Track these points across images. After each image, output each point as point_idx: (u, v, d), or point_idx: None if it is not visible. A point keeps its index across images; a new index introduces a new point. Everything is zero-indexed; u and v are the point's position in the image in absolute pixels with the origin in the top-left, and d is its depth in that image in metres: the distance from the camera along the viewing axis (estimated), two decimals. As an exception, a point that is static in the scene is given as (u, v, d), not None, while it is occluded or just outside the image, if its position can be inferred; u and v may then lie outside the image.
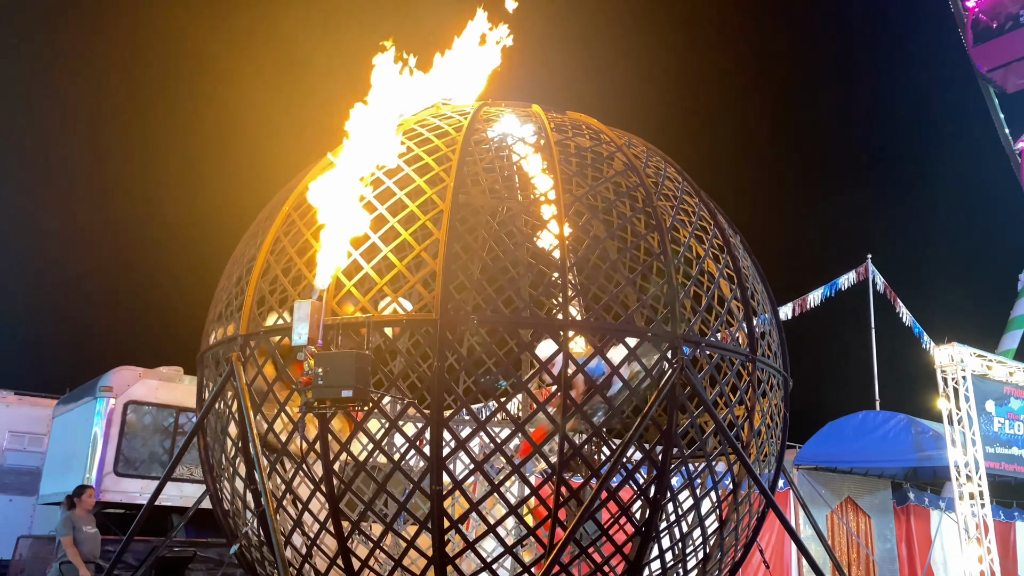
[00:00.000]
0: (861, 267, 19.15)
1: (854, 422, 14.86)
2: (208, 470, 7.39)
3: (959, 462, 12.88)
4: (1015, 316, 27.86)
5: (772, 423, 7.54)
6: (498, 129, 7.79)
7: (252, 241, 7.46)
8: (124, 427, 11.78)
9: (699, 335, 6.88)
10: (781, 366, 7.69)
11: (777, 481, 8.19)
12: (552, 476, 6.30)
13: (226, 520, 7.28)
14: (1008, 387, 14.18)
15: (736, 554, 7.48)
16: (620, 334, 6.78)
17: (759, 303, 7.61)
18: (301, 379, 6.01)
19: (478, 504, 6.30)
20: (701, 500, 7.12)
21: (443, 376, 6.17)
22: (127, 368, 12.20)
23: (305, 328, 5.99)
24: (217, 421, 7.25)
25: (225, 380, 6.77)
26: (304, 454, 6.48)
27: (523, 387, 7.83)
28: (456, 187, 6.62)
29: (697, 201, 7.56)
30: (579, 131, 7.68)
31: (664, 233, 6.76)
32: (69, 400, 13.30)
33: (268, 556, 6.78)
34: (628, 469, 6.68)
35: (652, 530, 6.39)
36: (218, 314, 7.44)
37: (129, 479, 11.67)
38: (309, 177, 7.25)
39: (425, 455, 6.01)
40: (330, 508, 6.17)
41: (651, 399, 6.42)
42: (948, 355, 13.36)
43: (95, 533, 9.57)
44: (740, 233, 7.98)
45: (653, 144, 8.06)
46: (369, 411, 6.25)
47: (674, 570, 7.12)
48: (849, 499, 15.11)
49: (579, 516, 6.02)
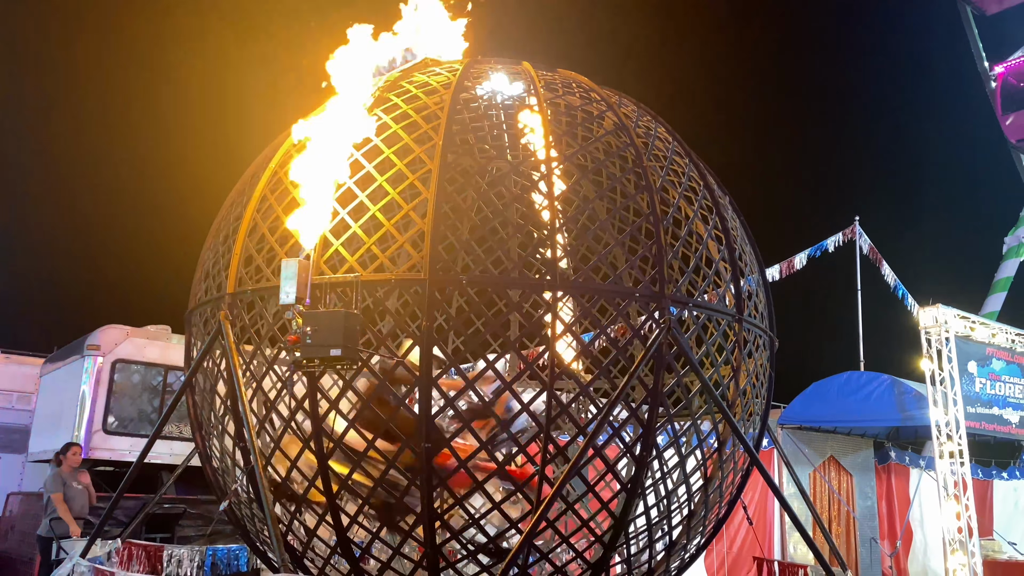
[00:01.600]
0: (848, 228, 19.20)
1: (838, 382, 15.03)
2: (197, 428, 7.42)
3: (940, 422, 13.08)
4: (999, 279, 28.10)
5: (757, 383, 7.62)
6: (487, 87, 7.72)
7: (239, 199, 7.40)
8: (112, 385, 11.78)
9: (687, 295, 6.91)
10: (767, 326, 7.75)
11: (762, 440, 8.30)
12: (539, 434, 6.36)
13: (215, 477, 7.34)
14: (991, 348, 14.35)
15: (720, 511, 7.60)
16: (608, 294, 6.81)
17: (747, 264, 7.64)
18: (289, 337, 6.02)
19: (467, 461, 6.36)
20: (686, 458, 7.22)
21: (432, 335, 6.19)
22: (114, 327, 12.17)
23: (293, 287, 5.98)
24: (206, 379, 7.27)
25: (213, 339, 6.77)
26: (293, 412, 6.51)
27: (512, 347, 7.88)
28: (444, 146, 6.57)
29: (687, 161, 7.53)
30: (569, 89, 7.62)
31: (653, 193, 6.75)
32: (56, 359, 13.28)
33: (257, 513, 6.84)
34: (614, 427, 6.74)
35: (638, 487, 6.47)
36: (205, 272, 7.41)
37: (118, 437, 11.71)
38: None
39: (414, 413, 6.05)
40: (319, 466, 6.22)
41: (638, 358, 6.47)
42: (932, 316, 13.48)
43: (83, 489, 9.64)
44: (729, 194, 7.98)
45: (643, 104, 8.01)
46: (358, 370, 6.27)
47: (659, 527, 7.24)
48: (832, 458, 15.34)
49: (566, 473, 6.10)
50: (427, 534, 6.08)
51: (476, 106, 7.85)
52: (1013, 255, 28.06)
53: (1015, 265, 28.11)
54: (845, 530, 15.21)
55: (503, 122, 8.36)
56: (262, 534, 6.99)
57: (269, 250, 6.83)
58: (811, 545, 6.97)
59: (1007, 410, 14.38)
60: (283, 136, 7.53)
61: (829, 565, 6.77)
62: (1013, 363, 14.74)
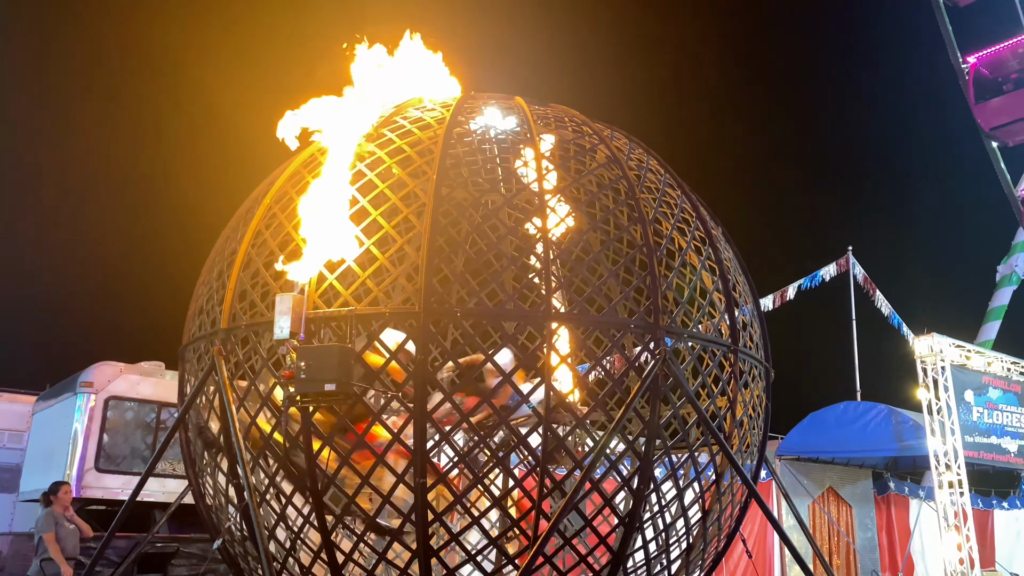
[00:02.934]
0: (842, 259, 19.29)
1: (835, 412, 15.00)
2: (190, 465, 7.35)
3: (938, 451, 13.03)
4: (993, 307, 28.15)
5: (754, 414, 7.59)
6: (481, 121, 7.78)
7: (233, 235, 7.41)
8: (105, 423, 11.68)
9: (681, 327, 6.90)
10: (763, 357, 7.74)
11: (759, 472, 8.25)
12: (536, 468, 6.31)
13: (209, 515, 7.25)
14: (987, 377, 14.36)
15: (719, 544, 7.53)
16: (603, 326, 6.80)
17: (741, 294, 7.65)
18: (283, 373, 5.99)
19: (462, 496, 6.31)
20: (684, 491, 7.16)
21: (427, 369, 6.16)
22: (107, 363, 12.10)
23: (287, 322, 5.97)
24: (199, 416, 7.21)
25: (207, 375, 6.73)
26: (287, 449, 6.45)
27: (507, 379, 7.83)
28: (439, 180, 6.60)
29: (679, 193, 7.58)
30: (562, 123, 7.68)
31: (647, 225, 6.78)
32: (49, 396, 13.18)
33: (251, 551, 6.75)
34: (611, 460, 6.70)
35: (635, 520, 6.41)
36: (199, 308, 7.39)
37: (111, 475, 11.58)
38: (289, 170, 7.22)
39: (409, 448, 6.00)
40: (313, 502, 6.16)
41: (634, 390, 6.45)
42: (928, 345, 13.50)
43: (75, 529, 9.52)
44: (721, 225, 8.02)
45: (634, 136, 8.08)
46: (352, 405, 6.23)
47: (657, 560, 7.16)
48: (831, 489, 15.25)
49: (562, 507, 6.04)
50: (423, 571, 6.01)
51: (470, 140, 7.91)
52: (1007, 283, 28.15)
53: (1009, 293, 28.20)
54: (845, 562, 15.07)
55: (496, 156, 8.41)
56: (256, 572, 6.89)
57: (263, 285, 6.83)
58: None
59: (1005, 439, 14.34)
60: (278, 171, 7.56)
61: (830, 598, 6.69)
62: (1010, 391, 14.74)
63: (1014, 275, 28.14)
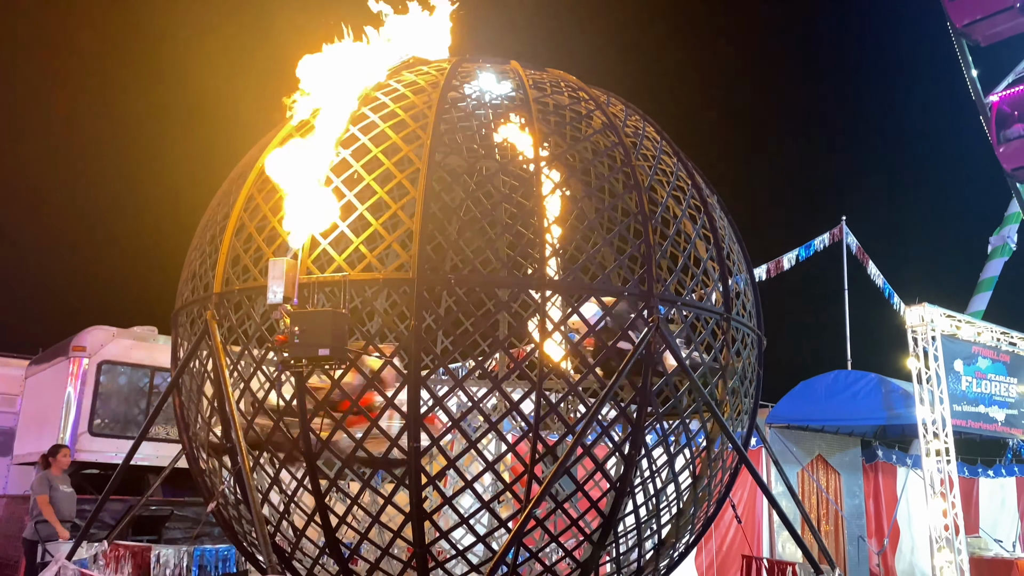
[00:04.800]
0: (836, 228, 19.30)
1: (826, 381, 15.10)
2: (184, 429, 7.37)
3: (927, 420, 13.16)
4: (984, 278, 28.27)
5: (746, 382, 7.64)
6: (475, 86, 7.70)
7: (225, 199, 7.36)
8: (98, 387, 11.70)
9: (675, 294, 6.92)
10: (755, 325, 7.77)
11: (750, 439, 8.32)
12: (528, 433, 6.35)
13: (202, 479, 7.29)
14: (976, 347, 14.46)
15: (709, 509, 7.62)
16: (596, 293, 6.81)
17: (735, 263, 7.66)
18: (277, 337, 5.99)
19: (455, 460, 6.35)
20: (675, 456, 7.23)
21: (420, 335, 6.17)
22: (100, 328, 12.08)
23: (280, 287, 5.95)
24: (192, 380, 7.22)
25: (200, 339, 6.72)
26: (281, 412, 6.48)
27: (501, 347, 7.87)
28: (433, 145, 6.56)
29: (675, 161, 7.55)
30: (558, 88, 7.62)
31: (642, 192, 6.75)
32: (42, 360, 13.18)
33: (245, 514, 6.81)
34: (603, 426, 6.74)
35: (626, 485, 6.48)
36: (192, 272, 7.36)
37: (104, 439, 11.62)
38: (281, 135, 7.15)
39: (403, 412, 6.03)
40: (307, 466, 6.19)
41: (626, 358, 6.47)
42: (919, 315, 13.57)
43: (71, 492, 9.56)
44: (717, 193, 8.00)
45: (631, 103, 8.02)
46: (346, 370, 6.25)
47: (648, 525, 7.24)
48: (820, 456, 15.40)
49: (554, 471, 6.09)
50: (416, 534, 6.06)
51: (464, 105, 7.84)
52: (998, 255, 28.25)
53: (1000, 265, 28.31)
54: (833, 528, 15.28)
55: (491, 121, 8.35)
56: (250, 535, 6.95)
57: (256, 250, 6.80)
58: (800, 543, 7.00)
59: (993, 408, 14.49)
60: (270, 135, 7.50)
61: (818, 563, 6.79)
62: (999, 361, 14.86)
63: (1006, 246, 28.23)
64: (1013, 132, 24.91)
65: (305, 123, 7.11)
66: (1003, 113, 25.59)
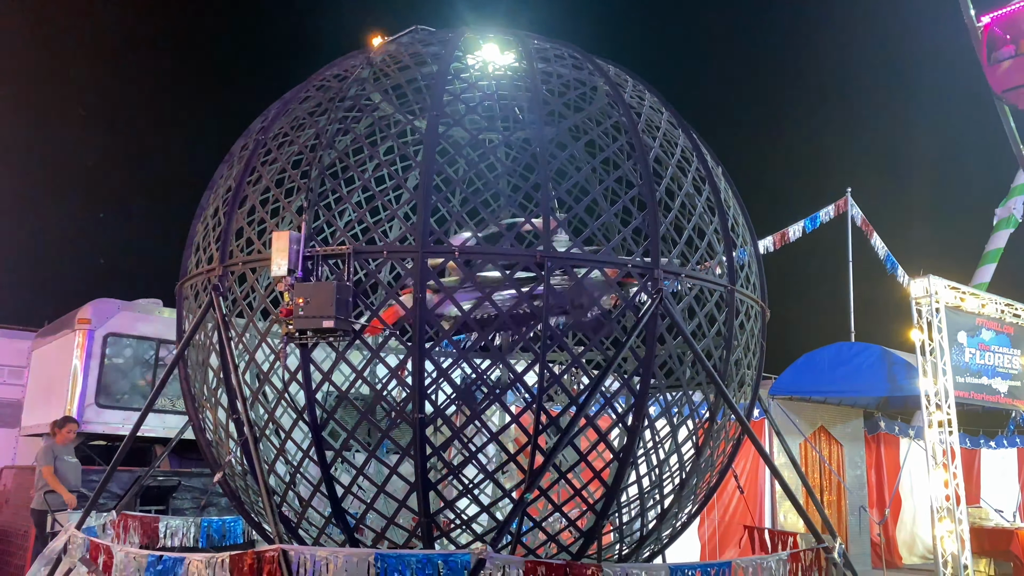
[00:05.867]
0: (841, 200, 19.22)
1: (829, 353, 15.12)
2: (190, 401, 7.42)
3: (929, 391, 13.18)
4: (989, 250, 28.18)
5: (749, 353, 7.65)
6: (479, 56, 7.65)
7: (229, 171, 7.35)
8: (104, 359, 11.77)
9: (679, 266, 6.91)
10: (759, 297, 7.77)
11: (753, 410, 8.36)
12: (532, 405, 6.38)
13: (209, 450, 7.35)
14: (980, 318, 14.45)
15: (711, 479, 7.67)
16: (601, 265, 6.80)
17: (739, 235, 7.64)
18: (281, 310, 6.01)
19: (460, 431, 6.39)
20: (678, 428, 7.27)
21: (424, 307, 6.18)
22: (105, 301, 12.13)
23: (284, 259, 5.97)
24: (198, 352, 7.26)
25: (204, 312, 6.74)
26: (286, 384, 6.51)
27: (504, 317, 7.87)
28: (435, 116, 6.53)
29: (680, 132, 7.50)
30: (562, 59, 7.56)
31: (646, 164, 6.72)
32: (48, 333, 13.25)
33: (252, 484, 6.87)
34: (606, 398, 6.77)
35: (629, 456, 6.52)
36: (196, 245, 7.37)
37: (111, 411, 11.72)
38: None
39: (407, 384, 6.06)
40: (313, 437, 6.24)
41: (631, 329, 6.48)
42: (923, 287, 13.54)
43: (76, 463, 9.70)
44: (721, 164, 7.96)
45: (635, 74, 7.96)
46: (351, 342, 6.28)
47: (650, 495, 7.30)
48: (822, 428, 15.48)
49: (557, 441, 6.13)
50: (421, 503, 6.12)
51: (467, 76, 7.78)
52: (1004, 226, 28.13)
53: (1005, 236, 28.20)
54: (835, 499, 15.39)
55: (495, 92, 8.29)
56: (256, 505, 7.02)
57: (260, 222, 6.79)
58: (802, 513, 7.04)
59: (996, 379, 14.51)
60: (272, 107, 7.46)
61: (819, 533, 6.84)
62: (1003, 333, 14.86)
63: (1012, 218, 28.10)
64: (1003, 54, 24.89)
65: (307, 92, 7.07)
66: (994, 35, 25.46)
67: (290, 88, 7.59)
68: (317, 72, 7.59)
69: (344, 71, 7.42)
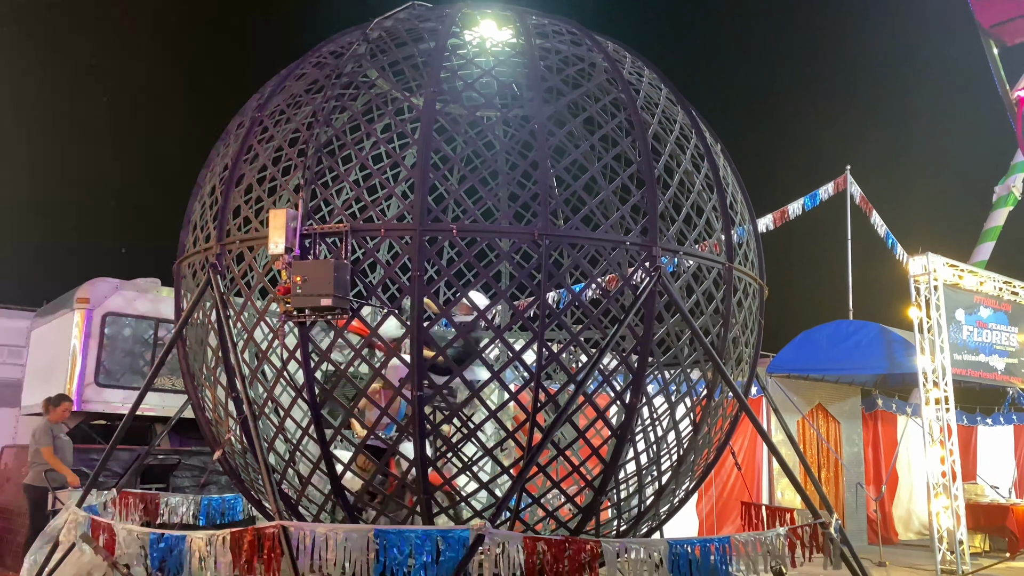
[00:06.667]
0: (840, 178, 19.17)
1: (827, 331, 15.16)
2: (189, 379, 7.43)
3: (927, 369, 13.23)
4: (988, 228, 28.15)
5: (747, 331, 7.66)
6: (477, 32, 7.59)
7: (225, 149, 7.32)
8: (103, 339, 11.78)
9: (677, 243, 6.90)
10: (758, 274, 7.77)
11: (751, 387, 8.38)
12: (530, 383, 6.40)
13: (208, 428, 7.38)
14: (978, 296, 14.48)
15: (709, 456, 7.71)
16: (599, 243, 6.80)
17: (738, 212, 7.62)
18: (279, 288, 6.01)
19: (459, 408, 6.41)
20: (676, 405, 7.29)
21: (423, 285, 6.18)
22: (103, 280, 12.12)
23: (281, 237, 5.95)
24: (196, 331, 7.26)
25: (202, 290, 6.74)
26: (285, 362, 6.53)
27: (503, 297, 7.89)
28: (433, 93, 6.49)
29: (678, 108, 7.47)
30: (561, 35, 7.51)
31: (645, 141, 6.70)
32: (46, 312, 13.25)
33: (251, 462, 6.90)
34: (604, 375, 6.79)
35: (627, 433, 6.54)
36: (193, 224, 7.35)
37: (110, 390, 11.75)
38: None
39: (406, 362, 6.07)
40: (312, 415, 6.26)
41: (628, 307, 6.49)
42: (921, 265, 13.56)
43: (68, 440, 9.86)
44: (720, 141, 7.93)
45: (633, 51, 7.90)
46: (348, 320, 6.28)
47: (648, 472, 7.34)
48: (820, 405, 15.55)
49: (555, 419, 6.15)
50: (420, 480, 6.15)
51: (465, 52, 7.73)
52: (1003, 204, 28.08)
53: (1004, 214, 28.16)
54: (832, 476, 15.49)
55: (493, 68, 8.24)
56: (256, 483, 7.06)
57: (257, 200, 6.77)
58: (799, 490, 7.09)
59: (993, 357, 14.57)
60: (269, 84, 7.42)
61: (816, 509, 6.88)
62: (1000, 311, 14.89)
63: (1011, 196, 28.05)
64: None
65: (305, 72, 7.02)
66: None
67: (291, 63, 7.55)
68: (313, 48, 7.54)
69: (341, 47, 7.37)
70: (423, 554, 5.34)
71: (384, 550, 5.32)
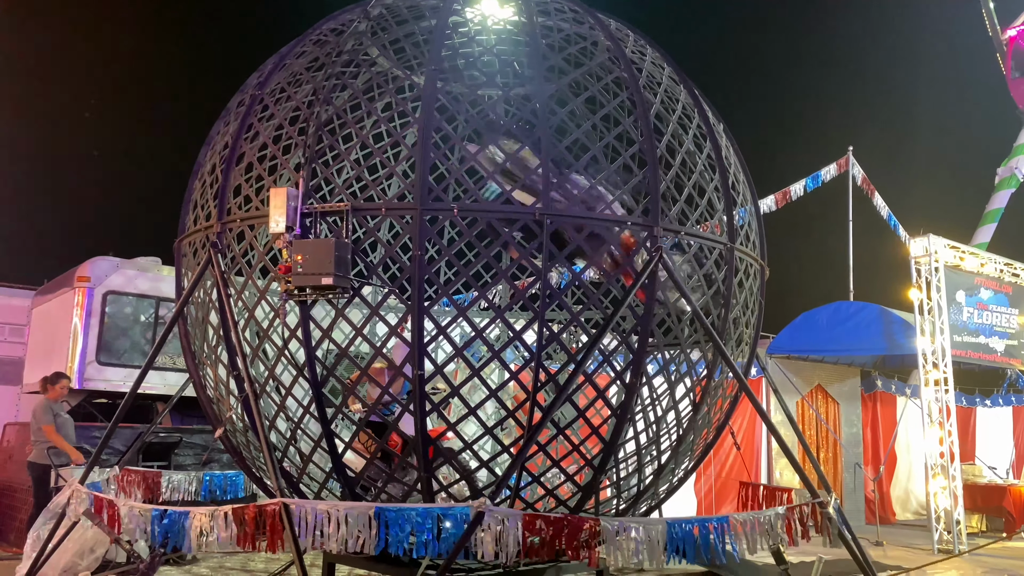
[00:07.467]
0: (842, 159, 19.10)
1: (827, 312, 15.15)
2: (190, 358, 7.45)
3: (927, 350, 13.25)
4: (990, 210, 28.12)
5: (748, 311, 7.66)
6: (478, 10, 7.53)
7: (225, 127, 7.28)
8: (104, 317, 11.80)
9: (679, 223, 6.89)
10: (759, 255, 7.76)
11: (751, 368, 8.39)
12: (531, 362, 6.41)
13: (210, 406, 7.40)
14: (979, 278, 14.47)
15: (708, 436, 7.73)
16: (600, 223, 6.78)
17: (739, 192, 7.60)
18: (279, 267, 6.01)
19: (459, 388, 6.43)
20: (676, 385, 7.31)
21: (423, 264, 6.17)
22: (104, 258, 12.12)
23: (282, 216, 5.94)
24: (197, 310, 7.26)
25: (203, 269, 6.73)
26: (286, 341, 6.53)
27: (504, 277, 7.87)
28: (434, 71, 6.45)
29: (681, 87, 7.43)
30: (563, 14, 7.45)
31: (647, 120, 6.66)
32: (47, 291, 13.26)
33: (253, 440, 6.92)
34: (605, 355, 6.80)
35: (627, 412, 6.56)
36: (194, 202, 7.33)
37: (112, 368, 11.78)
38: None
39: (407, 341, 6.08)
40: (313, 393, 6.28)
41: (629, 287, 6.48)
42: (922, 247, 13.54)
43: (69, 418, 9.89)
44: (723, 121, 7.89)
45: (636, 30, 7.84)
46: (350, 299, 6.28)
47: (648, 451, 7.37)
48: (819, 386, 15.57)
49: (555, 397, 6.17)
50: (421, 459, 6.18)
51: (466, 30, 7.68)
52: (1005, 186, 28.05)
53: (1007, 196, 28.12)
54: (831, 456, 15.55)
55: (494, 47, 8.18)
56: (258, 461, 7.09)
57: (258, 179, 6.75)
58: (798, 470, 7.12)
59: (993, 338, 14.58)
60: (269, 61, 7.37)
61: (815, 489, 6.92)
62: (1001, 292, 14.88)
63: (1013, 178, 27.98)
64: None
65: (304, 49, 6.97)
66: (1020, 49, 25.10)
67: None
68: (314, 26, 7.49)
69: (341, 25, 7.32)
70: (424, 532, 5.38)
71: (385, 528, 5.35)
